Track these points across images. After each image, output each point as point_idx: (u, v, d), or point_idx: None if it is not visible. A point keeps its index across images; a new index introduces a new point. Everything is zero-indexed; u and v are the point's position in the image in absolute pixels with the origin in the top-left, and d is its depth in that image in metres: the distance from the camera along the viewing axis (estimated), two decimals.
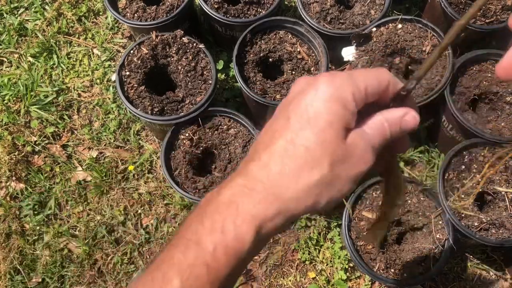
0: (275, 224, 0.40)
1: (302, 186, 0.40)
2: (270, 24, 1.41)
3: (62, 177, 1.58)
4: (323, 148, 0.40)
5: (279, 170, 0.40)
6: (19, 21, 1.82)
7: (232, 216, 0.39)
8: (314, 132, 0.40)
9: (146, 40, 1.40)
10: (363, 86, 0.42)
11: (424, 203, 1.24)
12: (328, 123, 0.40)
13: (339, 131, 0.40)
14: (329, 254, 1.39)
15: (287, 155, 0.40)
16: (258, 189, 0.40)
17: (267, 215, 0.39)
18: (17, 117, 1.67)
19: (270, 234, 0.41)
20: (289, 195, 0.40)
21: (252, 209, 0.39)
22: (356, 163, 0.42)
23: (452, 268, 1.38)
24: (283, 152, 0.40)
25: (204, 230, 0.40)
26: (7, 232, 1.51)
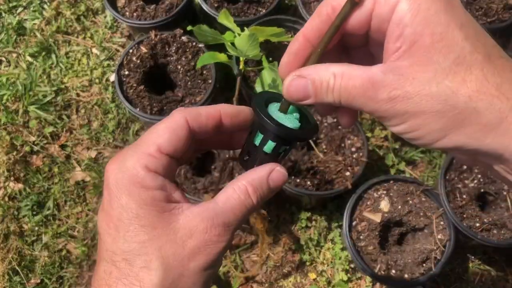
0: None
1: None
2: (270, 23, 1.40)
3: (61, 177, 1.57)
4: (148, 250, 0.33)
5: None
6: (17, 20, 1.81)
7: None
8: (130, 238, 0.34)
9: (145, 39, 1.39)
10: (153, 148, 0.35)
11: (426, 204, 1.23)
12: (135, 219, 0.34)
13: (156, 221, 0.34)
14: (329, 255, 1.38)
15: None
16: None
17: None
18: (16, 117, 1.65)
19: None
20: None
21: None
22: (202, 250, 0.34)
23: (453, 269, 1.37)
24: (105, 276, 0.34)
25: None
26: (6, 233, 1.50)
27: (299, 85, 0.36)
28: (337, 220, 1.41)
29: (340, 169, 1.28)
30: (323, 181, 1.28)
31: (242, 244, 1.42)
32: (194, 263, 0.34)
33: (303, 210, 1.42)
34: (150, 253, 0.33)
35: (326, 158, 1.29)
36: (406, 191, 1.25)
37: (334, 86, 0.34)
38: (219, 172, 1.29)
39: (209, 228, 0.35)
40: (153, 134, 0.36)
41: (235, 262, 1.40)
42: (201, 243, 0.34)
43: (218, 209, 0.36)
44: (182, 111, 0.38)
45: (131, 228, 0.34)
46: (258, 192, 0.38)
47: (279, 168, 0.39)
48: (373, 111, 0.33)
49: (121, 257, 0.34)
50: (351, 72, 0.34)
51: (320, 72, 0.35)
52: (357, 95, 0.33)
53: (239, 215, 0.36)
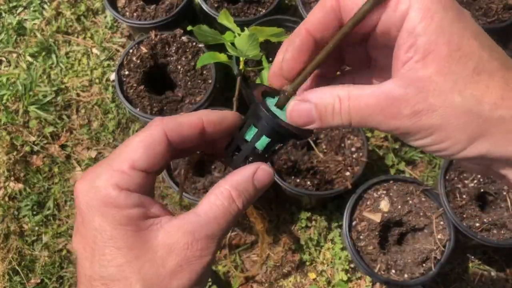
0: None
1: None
2: (270, 23, 1.40)
3: (61, 177, 1.57)
4: (126, 274, 0.31)
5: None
6: (17, 20, 1.81)
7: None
8: (106, 262, 0.32)
9: (145, 39, 1.39)
10: (126, 165, 0.33)
11: (425, 204, 1.23)
12: (110, 241, 0.32)
13: (133, 241, 0.32)
14: (329, 255, 1.38)
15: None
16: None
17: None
18: (16, 117, 1.66)
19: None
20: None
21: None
22: (185, 267, 0.32)
23: (453, 269, 1.37)
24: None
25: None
26: (6, 233, 1.50)
27: (302, 110, 0.34)
28: (337, 220, 1.41)
29: (340, 169, 1.28)
30: (323, 181, 1.28)
31: (242, 244, 1.42)
32: (177, 282, 0.32)
33: (303, 210, 1.43)
34: (129, 276, 0.31)
35: (326, 158, 1.29)
36: (406, 191, 1.25)
37: (342, 109, 0.33)
38: (219, 172, 1.29)
39: (191, 243, 0.32)
40: (127, 149, 0.34)
41: (235, 262, 1.40)
42: (183, 260, 0.32)
43: (200, 221, 0.33)
44: (160, 122, 0.35)
45: (106, 251, 0.32)
46: (243, 196, 0.35)
47: (264, 167, 0.37)
48: (394, 128, 0.32)
49: (100, 282, 0.32)
50: (360, 92, 0.32)
51: (324, 96, 0.34)
52: (373, 114, 0.32)
53: (223, 224, 0.34)
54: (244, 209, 0.36)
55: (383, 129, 0.32)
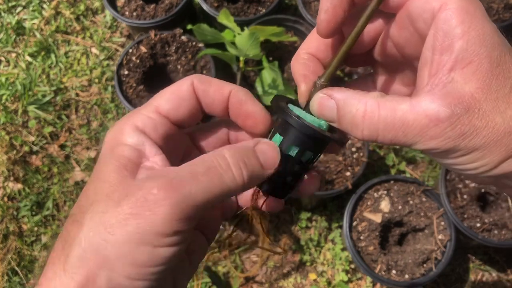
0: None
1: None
2: (270, 22, 1.40)
3: (60, 177, 1.56)
4: (83, 203, 0.31)
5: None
6: (16, 20, 1.81)
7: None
8: (85, 190, 0.32)
9: (144, 39, 1.38)
10: (151, 109, 0.34)
11: (426, 204, 1.23)
12: (97, 172, 0.32)
13: (110, 177, 0.30)
14: (330, 255, 1.38)
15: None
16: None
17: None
18: (15, 117, 1.65)
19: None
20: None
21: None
22: (135, 213, 0.27)
23: (454, 269, 1.36)
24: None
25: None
26: (5, 233, 1.50)
27: (326, 105, 0.32)
28: (337, 221, 1.41)
29: (341, 169, 1.28)
30: (323, 181, 1.27)
31: (242, 245, 1.42)
32: (120, 230, 0.27)
33: (303, 210, 1.42)
34: (85, 205, 0.30)
35: (326, 158, 1.29)
36: (406, 191, 1.24)
37: (366, 121, 0.30)
38: None
39: (148, 184, 0.28)
40: (155, 97, 0.35)
41: (235, 263, 1.39)
42: (133, 203, 0.27)
43: (173, 168, 0.29)
44: (191, 75, 0.35)
45: (90, 180, 0.32)
46: (239, 157, 0.30)
47: (266, 140, 0.34)
48: (432, 148, 0.29)
49: (72, 212, 0.32)
50: (393, 106, 0.29)
51: (349, 100, 0.31)
52: (410, 133, 0.29)
53: (202, 178, 0.28)
54: (242, 180, 0.30)
55: (417, 148, 0.30)
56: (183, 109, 0.34)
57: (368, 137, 0.30)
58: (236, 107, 0.35)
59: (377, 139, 0.30)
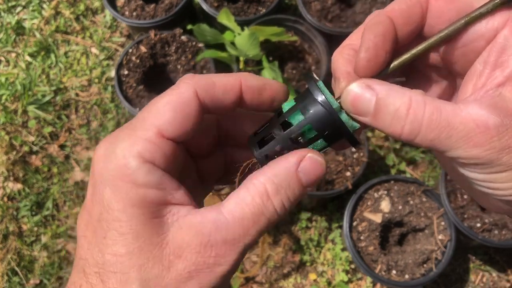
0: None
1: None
2: (270, 22, 1.39)
3: (60, 177, 1.56)
4: (124, 268, 0.26)
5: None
6: (16, 20, 1.81)
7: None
8: (105, 247, 0.27)
9: (144, 39, 1.38)
10: (152, 132, 0.28)
11: (426, 204, 1.23)
12: (115, 223, 0.27)
13: (141, 229, 0.26)
14: (330, 255, 1.38)
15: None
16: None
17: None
18: (15, 117, 1.65)
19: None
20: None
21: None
22: (194, 275, 0.27)
23: (454, 269, 1.36)
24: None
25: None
26: (5, 233, 1.49)
27: (363, 96, 0.29)
28: (337, 221, 1.41)
29: (341, 169, 1.27)
30: (323, 181, 1.27)
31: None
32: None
33: (303, 210, 1.42)
34: (127, 271, 0.26)
35: (326, 158, 1.29)
36: (406, 191, 1.24)
37: (409, 117, 0.28)
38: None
39: (204, 247, 0.27)
40: (153, 113, 0.28)
41: None
42: (192, 266, 0.27)
43: (221, 221, 0.27)
44: (191, 79, 0.30)
45: (108, 234, 0.27)
46: (283, 192, 0.28)
47: (313, 155, 0.29)
48: (472, 157, 0.27)
49: (94, 270, 0.27)
50: (439, 105, 0.27)
51: (392, 93, 0.28)
52: (454, 137, 0.27)
53: (251, 228, 0.27)
54: (283, 212, 0.28)
55: (456, 154, 0.28)
56: (189, 127, 0.29)
57: (408, 134, 0.28)
58: (254, 94, 0.32)
59: (415, 138, 0.28)
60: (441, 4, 0.30)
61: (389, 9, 0.31)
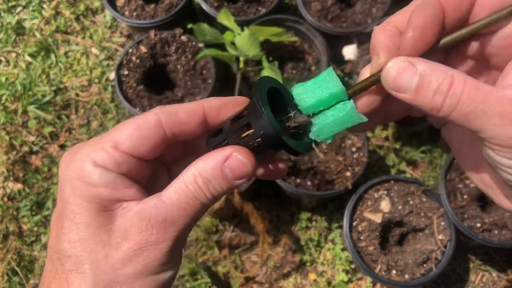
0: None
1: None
2: (270, 22, 1.39)
3: None
4: (77, 252, 0.31)
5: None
6: (16, 20, 1.81)
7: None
8: (63, 235, 0.31)
9: (144, 39, 1.38)
10: (109, 144, 0.32)
11: (426, 204, 1.23)
12: (71, 214, 0.31)
13: (92, 220, 0.31)
14: (330, 255, 1.38)
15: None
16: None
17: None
18: (15, 117, 1.65)
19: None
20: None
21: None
22: (138, 253, 0.30)
23: (454, 269, 1.36)
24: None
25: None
26: (5, 233, 1.49)
27: (405, 71, 0.30)
28: (337, 221, 1.41)
29: (341, 169, 1.27)
30: (323, 181, 1.27)
31: (242, 245, 1.42)
32: (129, 268, 0.30)
33: (303, 210, 1.42)
34: (79, 254, 0.30)
35: (326, 158, 1.29)
36: (406, 191, 1.24)
37: (451, 91, 0.28)
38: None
39: (145, 227, 0.30)
40: (116, 129, 0.33)
41: (235, 263, 1.39)
42: (137, 245, 0.30)
43: (160, 204, 0.31)
44: (157, 108, 0.34)
45: (65, 224, 0.31)
46: (210, 185, 0.32)
47: (237, 154, 0.32)
48: (504, 135, 0.28)
49: (56, 256, 0.31)
50: (479, 84, 0.28)
51: (435, 69, 0.29)
52: (489, 113, 0.28)
53: (187, 209, 0.32)
54: (213, 199, 0.33)
55: (488, 134, 0.28)
56: (145, 147, 0.33)
57: (446, 108, 0.29)
58: (217, 113, 0.35)
59: (452, 113, 0.29)
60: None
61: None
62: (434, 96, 0.29)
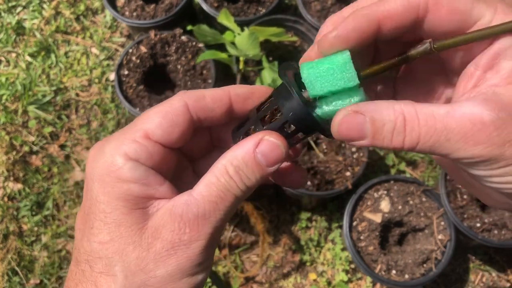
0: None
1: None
2: (270, 23, 1.39)
3: (60, 177, 1.56)
4: (108, 253, 0.29)
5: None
6: (17, 20, 1.81)
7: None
8: (92, 236, 0.30)
9: (144, 39, 1.38)
10: (139, 134, 0.31)
11: (426, 204, 1.23)
12: (101, 214, 0.30)
13: (123, 219, 0.29)
14: (330, 255, 1.38)
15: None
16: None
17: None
18: (15, 117, 1.65)
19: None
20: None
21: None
22: (171, 253, 0.29)
23: (454, 269, 1.36)
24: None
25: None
26: (5, 233, 1.50)
27: (354, 123, 0.29)
28: (337, 221, 1.41)
29: (341, 169, 1.28)
30: (323, 181, 1.27)
31: (242, 245, 1.42)
32: (161, 270, 0.29)
33: (303, 210, 1.42)
34: (110, 256, 0.29)
35: (326, 158, 1.29)
36: (406, 191, 1.24)
37: (407, 129, 0.28)
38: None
39: (178, 225, 0.29)
40: (143, 119, 0.32)
41: (235, 263, 1.39)
42: (169, 245, 0.29)
43: (191, 200, 0.30)
44: (182, 93, 0.33)
45: (95, 224, 0.30)
46: (242, 173, 0.30)
47: (269, 137, 0.31)
48: (474, 155, 0.28)
49: (83, 258, 0.30)
50: (432, 111, 0.28)
51: (383, 110, 0.29)
52: (453, 139, 0.27)
53: (220, 203, 0.30)
54: (247, 190, 0.31)
55: (458, 156, 0.28)
56: (176, 134, 0.32)
57: (409, 145, 0.29)
58: (243, 102, 0.34)
59: (417, 147, 0.29)
60: (442, 14, 0.30)
61: (383, 8, 0.30)
62: (392, 137, 0.29)
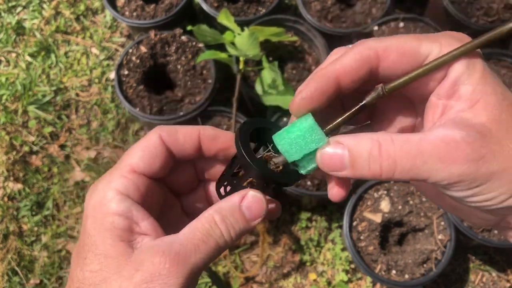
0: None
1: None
2: (270, 23, 1.39)
3: (60, 177, 1.56)
4: (95, 281, 0.32)
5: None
6: (17, 20, 1.81)
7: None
8: (85, 266, 0.33)
9: (144, 39, 1.38)
10: (126, 169, 0.35)
11: (426, 204, 1.23)
12: (92, 245, 0.32)
13: (111, 250, 0.32)
14: (330, 255, 1.38)
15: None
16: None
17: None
18: (15, 117, 1.65)
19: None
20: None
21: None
22: (149, 285, 0.31)
23: (454, 269, 1.36)
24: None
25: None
26: (5, 233, 1.50)
27: (333, 154, 0.31)
28: (337, 221, 1.41)
29: None
30: (323, 181, 1.27)
31: (242, 245, 1.42)
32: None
33: (303, 210, 1.42)
34: (97, 283, 0.32)
35: None
36: (406, 191, 1.24)
37: (383, 155, 0.29)
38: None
39: (159, 259, 0.31)
40: (128, 155, 0.36)
41: (235, 263, 1.39)
42: (148, 277, 0.30)
43: (175, 240, 0.32)
44: (158, 128, 0.37)
45: (88, 255, 0.32)
46: (227, 221, 0.33)
47: (253, 193, 0.34)
48: (451, 175, 0.28)
49: (76, 285, 0.33)
50: (407, 138, 0.29)
51: (360, 141, 0.30)
52: (430, 161, 0.28)
53: (201, 246, 0.32)
54: (229, 240, 0.33)
55: (436, 179, 0.29)
56: (156, 164, 0.36)
57: (387, 172, 0.30)
58: (210, 142, 0.38)
59: (394, 173, 0.30)
60: (394, 58, 0.31)
61: (339, 65, 0.32)
62: (369, 165, 0.30)
